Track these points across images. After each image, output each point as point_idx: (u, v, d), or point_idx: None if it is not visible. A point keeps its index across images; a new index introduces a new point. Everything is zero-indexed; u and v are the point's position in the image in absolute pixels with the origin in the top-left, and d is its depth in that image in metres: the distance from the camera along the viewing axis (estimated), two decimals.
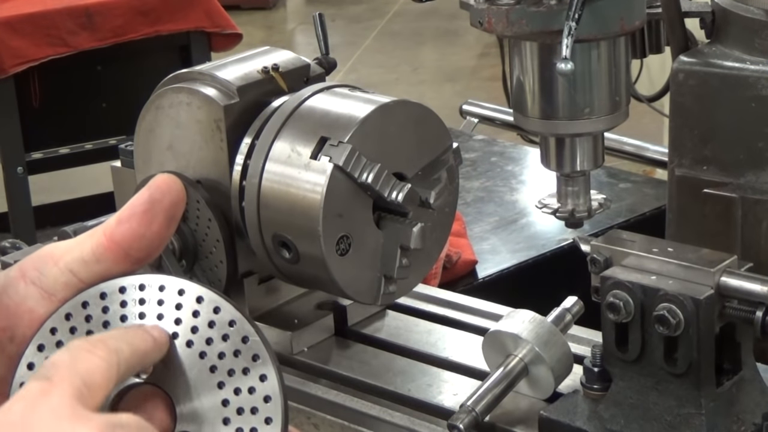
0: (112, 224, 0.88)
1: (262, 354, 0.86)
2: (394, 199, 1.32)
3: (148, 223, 0.88)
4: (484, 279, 2.42)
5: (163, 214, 0.89)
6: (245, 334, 0.87)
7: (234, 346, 0.86)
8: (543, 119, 1.48)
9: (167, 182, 0.89)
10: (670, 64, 1.79)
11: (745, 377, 1.29)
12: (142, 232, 0.88)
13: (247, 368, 0.86)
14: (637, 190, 2.74)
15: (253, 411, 0.85)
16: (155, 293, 0.88)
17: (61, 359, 0.79)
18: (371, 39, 8.74)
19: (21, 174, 4.41)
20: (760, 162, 1.71)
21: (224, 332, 0.86)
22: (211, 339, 0.86)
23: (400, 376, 1.48)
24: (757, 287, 1.23)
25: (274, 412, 0.85)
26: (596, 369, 1.31)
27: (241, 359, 0.86)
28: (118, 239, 0.88)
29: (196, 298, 0.87)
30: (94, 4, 4.43)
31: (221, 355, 0.86)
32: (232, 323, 0.87)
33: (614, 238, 1.33)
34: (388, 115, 1.34)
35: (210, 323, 0.87)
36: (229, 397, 0.85)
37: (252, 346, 0.86)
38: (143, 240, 0.88)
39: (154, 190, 0.89)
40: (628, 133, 2.69)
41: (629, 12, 1.44)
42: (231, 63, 1.45)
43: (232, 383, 0.86)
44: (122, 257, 0.88)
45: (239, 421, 0.85)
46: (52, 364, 0.79)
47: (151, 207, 0.88)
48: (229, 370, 0.86)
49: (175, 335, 0.87)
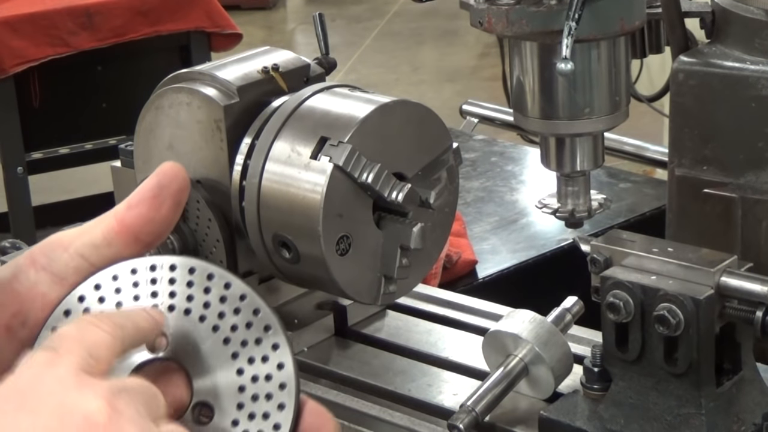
0: (122, 209, 0.91)
1: (273, 324, 0.90)
2: (394, 199, 1.32)
3: (157, 208, 0.91)
4: (484, 279, 2.42)
5: (171, 199, 0.92)
6: (256, 307, 0.90)
7: (246, 318, 0.90)
8: (543, 119, 1.48)
9: (173, 169, 0.93)
10: (670, 64, 1.79)
11: (745, 377, 1.29)
12: (152, 216, 0.91)
13: (259, 338, 0.89)
14: (637, 190, 2.74)
15: (268, 378, 0.89)
16: (166, 273, 0.90)
17: (67, 332, 0.82)
18: (371, 39, 8.74)
19: (21, 174, 4.41)
20: (760, 162, 1.71)
21: (236, 306, 0.90)
22: (224, 313, 0.90)
23: (400, 376, 1.48)
24: (757, 287, 1.23)
25: (287, 377, 0.89)
26: (596, 369, 1.31)
27: (254, 330, 0.89)
28: (128, 223, 0.91)
29: (207, 276, 0.90)
30: (94, 4, 4.43)
31: (234, 327, 0.89)
32: (243, 297, 0.90)
33: (614, 238, 1.33)
34: (388, 115, 1.34)
35: (221, 298, 0.90)
36: (243, 366, 0.89)
37: (263, 317, 0.90)
38: (152, 224, 0.91)
39: (162, 177, 0.92)
40: (628, 133, 2.70)
41: (629, 12, 1.44)
42: (231, 63, 1.45)
43: (246, 353, 0.89)
44: (132, 241, 0.91)
45: (254, 388, 0.88)
46: (58, 335, 0.82)
47: (159, 192, 0.92)
48: (242, 341, 0.89)
49: (188, 311, 0.89)
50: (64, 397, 0.76)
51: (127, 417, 0.77)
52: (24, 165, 4.41)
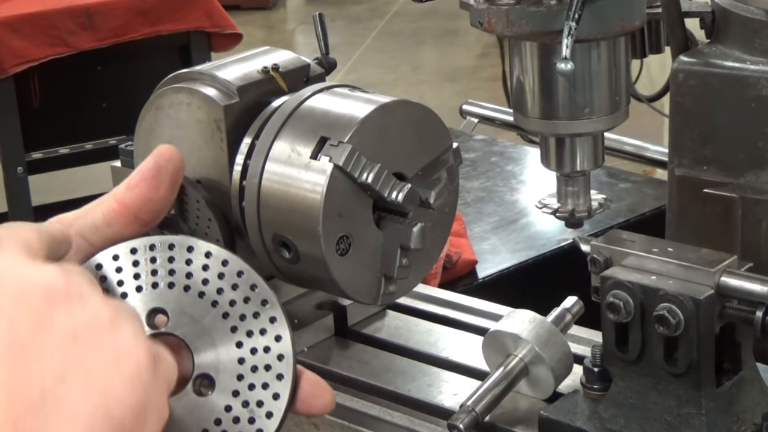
0: (122, 190, 0.94)
1: (270, 298, 0.93)
2: (394, 199, 1.31)
3: (156, 188, 0.95)
4: (484, 279, 2.42)
5: (169, 179, 0.95)
6: (253, 282, 0.93)
7: (244, 293, 0.93)
8: (543, 119, 1.48)
9: (169, 151, 0.96)
10: (670, 64, 1.79)
11: (745, 377, 1.29)
12: (151, 196, 0.94)
13: (257, 312, 0.93)
14: (637, 190, 2.74)
15: (266, 350, 0.92)
16: (165, 251, 0.93)
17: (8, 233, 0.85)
18: (371, 39, 8.74)
19: (21, 174, 4.41)
20: (760, 162, 1.71)
21: (234, 282, 0.93)
22: (222, 289, 0.93)
23: (400, 376, 1.48)
24: (757, 287, 1.23)
25: (285, 349, 0.92)
26: (596, 369, 1.31)
27: (252, 304, 0.93)
28: (128, 203, 0.94)
29: (205, 254, 0.93)
30: (94, 4, 4.43)
31: (232, 302, 0.93)
32: (240, 273, 0.93)
33: (614, 238, 1.33)
34: (388, 115, 1.34)
35: (220, 275, 0.93)
36: (242, 339, 0.92)
37: (260, 292, 0.93)
38: (151, 203, 0.95)
39: (159, 158, 0.96)
40: (628, 133, 2.70)
41: (629, 12, 1.44)
42: (231, 63, 1.45)
43: (245, 327, 0.92)
44: (132, 221, 0.94)
45: (253, 359, 0.91)
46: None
47: (157, 173, 0.95)
48: (240, 315, 0.92)
49: (187, 288, 0.92)
50: (18, 273, 0.79)
51: (81, 282, 0.81)
52: (24, 165, 4.41)
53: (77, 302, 0.79)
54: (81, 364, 0.76)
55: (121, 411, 0.76)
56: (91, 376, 0.76)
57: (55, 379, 0.75)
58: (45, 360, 0.75)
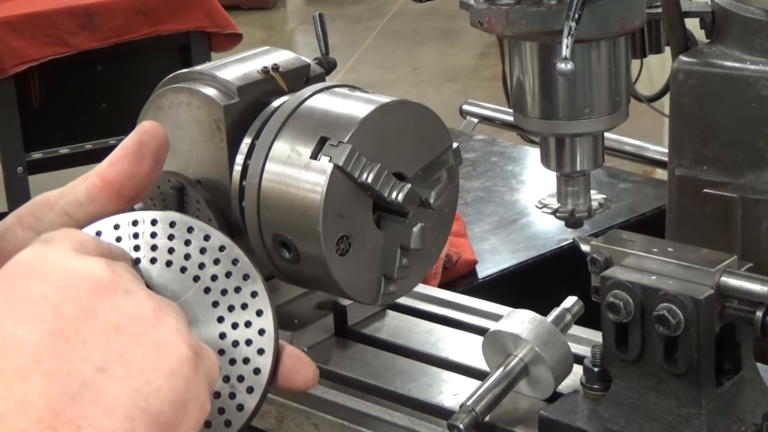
0: (104, 166, 0.95)
1: (252, 273, 0.93)
2: (394, 199, 1.31)
3: (139, 163, 0.95)
4: (484, 279, 2.42)
5: (152, 155, 0.95)
6: (235, 257, 0.93)
7: (225, 268, 0.93)
8: (543, 119, 1.48)
9: (153, 127, 0.97)
10: (670, 64, 1.79)
11: (745, 377, 1.29)
12: (134, 171, 0.94)
13: (239, 287, 0.93)
14: (637, 190, 2.74)
15: (247, 324, 0.92)
16: (148, 227, 0.94)
17: (55, 232, 0.87)
18: (371, 39, 8.74)
19: (21, 174, 4.41)
20: (760, 162, 1.71)
21: (216, 257, 0.93)
22: (204, 264, 0.93)
23: (400, 376, 1.48)
24: (757, 287, 1.23)
25: (266, 323, 0.92)
26: (596, 369, 1.31)
27: (233, 279, 0.93)
28: (110, 179, 0.94)
29: (187, 229, 0.93)
30: (94, 4, 4.43)
31: (214, 277, 0.93)
32: (222, 248, 0.93)
33: (614, 238, 1.33)
34: (388, 115, 1.34)
35: (201, 250, 0.93)
36: (223, 314, 0.92)
37: (242, 267, 0.93)
38: (134, 179, 0.95)
39: (142, 134, 0.96)
40: (628, 133, 2.70)
41: (629, 12, 1.44)
42: (231, 63, 1.45)
43: (226, 301, 0.92)
44: (115, 196, 0.94)
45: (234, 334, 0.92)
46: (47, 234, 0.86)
47: (140, 148, 0.95)
48: (222, 290, 0.92)
49: (169, 263, 0.93)
50: (67, 263, 0.80)
51: (127, 277, 0.82)
52: (24, 165, 4.41)
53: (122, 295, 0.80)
54: (122, 356, 0.77)
55: (160, 404, 0.77)
56: (131, 368, 0.77)
57: (96, 370, 0.76)
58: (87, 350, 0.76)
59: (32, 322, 0.76)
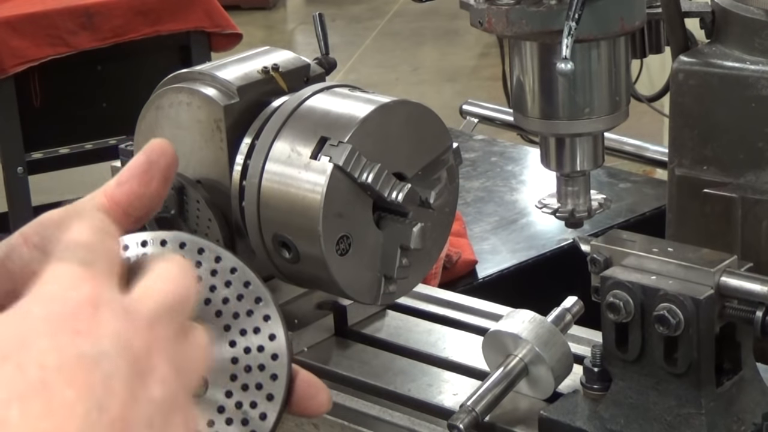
0: (112, 186, 0.92)
1: (264, 296, 0.91)
2: (394, 199, 1.31)
3: (147, 183, 0.92)
4: (484, 279, 2.42)
5: (160, 174, 0.93)
6: (247, 279, 0.91)
7: (237, 290, 0.91)
8: (543, 119, 1.48)
9: (161, 145, 0.94)
10: (670, 64, 1.79)
11: (745, 377, 1.29)
12: (142, 191, 0.92)
13: (251, 310, 0.90)
14: (637, 190, 2.74)
15: (260, 349, 0.90)
16: (158, 248, 0.92)
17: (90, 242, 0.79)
18: (371, 39, 8.74)
19: (21, 174, 4.41)
20: (760, 162, 1.71)
21: (227, 279, 0.91)
22: (215, 286, 0.91)
23: (400, 376, 1.48)
24: (757, 287, 1.23)
25: (279, 348, 0.90)
26: (596, 369, 1.31)
27: (245, 302, 0.91)
28: (118, 199, 0.92)
29: (197, 250, 0.92)
30: (94, 4, 4.42)
31: (225, 300, 0.91)
32: (234, 270, 0.91)
33: (614, 238, 1.33)
34: (388, 115, 1.34)
35: (212, 272, 0.91)
36: (235, 338, 0.90)
37: (254, 289, 0.91)
38: (143, 199, 0.92)
39: (150, 153, 0.93)
40: (628, 133, 2.70)
41: (629, 12, 1.44)
42: (231, 63, 1.45)
43: (238, 325, 0.90)
44: (122, 217, 0.91)
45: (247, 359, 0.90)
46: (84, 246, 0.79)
47: (149, 168, 0.93)
48: (234, 313, 0.90)
49: None
50: (118, 325, 0.73)
51: (165, 340, 0.75)
52: (24, 165, 4.41)
53: (159, 383, 0.73)
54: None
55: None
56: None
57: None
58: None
59: (83, 389, 0.70)
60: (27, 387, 0.69)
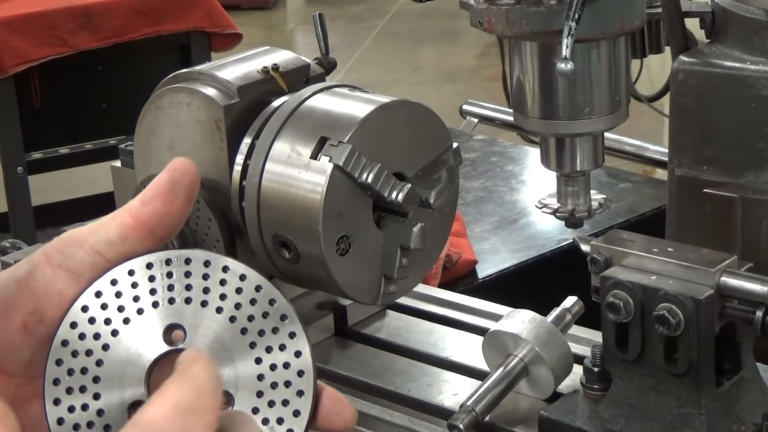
0: (137, 205, 0.93)
1: (289, 313, 0.92)
2: (394, 199, 1.31)
3: (171, 202, 0.93)
4: (484, 279, 2.42)
5: (184, 193, 0.94)
6: (272, 297, 0.92)
7: (262, 308, 0.92)
8: (543, 119, 1.48)
9: (184, 164, 0.95)
10: (670, 64, 1.79)
11: (745, 377, 1.29)
12: (167, 211, 0.93)
13: (276, 327, 0.91)
14: (637, 190, 2.74)
15: (286, 366, 0.90)
16: (182, 266, 0.92)
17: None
18: (371, 39, 8.74)
19: (21, 174, 4.41)
20: (760, 162, 1.71)
21: (252, 297, 0.92)
22: (240, 304, 0.91)
23: (400, 376, 1.48)
24: (757, 287, 1.23)
25: (304, 364, 0.91)
26: (596, 369, 1.31)
27: (270, 320, 0.91)
28: (143, 218, 0.92)
29: (222, 268, 0.92)
30: (94, 4, 4.42)
31: (251, 317, 0.91)
32: (259, 288, 0.92)
33: (614, 238, 1.33)
34: (388, 115, 1.34)
35: (237, 290, 0.91)
36: (261, 355, 0.90)
37: (279, 307, 0.92)
38: (167, 218, 0.93)
39: (174, 172, 0.95)
40: (628, 133, 2.69)
41: (629, 12, 1.44)
42: (231, 63, 1.45)
43: (264, 342, 0.91)
44: (147, 235, 0.93)
45: (273, 376, 0.90)
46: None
47: (172, 187, 0.94)
48: (259, 330, 0.91)
49: (204, 303, 0.91)
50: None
51: None
52: (24, 165, 4.41)
53: None
54: None
55: None
56: None
57: None
58: None
59: None
60: None
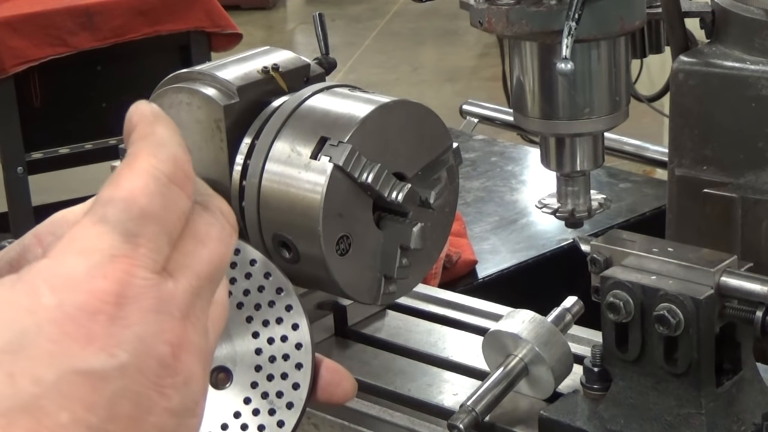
0: None
1: (285, 286, 0.91)
2: (394, 199, 1.31)
3: None
4: (484, 279, 2.42)
5: None
6: (267, 271, 0.92)
7: (258, 282, 0.91)
8: (543, 119, 1.48)
9: None
10: (670, 64, 1.79)
11: (745, 377, 1.29)
12: None
13: (272, 301, 0.91)
14: (637, 190, 2.74)
15: (283, 339, 0.90)
16: None
17: (144, 205, 0.68)
18: (371, 39, 8.74)
19: (21, 174, 4.41)
20: (760, 162, 1.71)
21: (247, 271, 0.92)
22: (235, 279, 0.91)
23: (400, 376, 1.48)
24: (757, 287, 1.23)
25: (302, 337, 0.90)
26: (596, 369, 1.31)
27: (266, 293, 0.91)
28: None
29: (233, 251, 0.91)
30: (94, 4, 4.43)
31: (246, 292, 0.91)
32: (254, 262, 0.92)
33: (614, 238, 1.33)
34: (388, 115, 1.34)
35: (232, 264, 0.91)
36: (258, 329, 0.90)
37: (275, 280, 0.92)
38: None
39: None
40: (628, 133, 2.70)
41: (629, 12, 1.44)
42: (231, 63, 1.45)
43: (260, 316, 0.91)
44: None
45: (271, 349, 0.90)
46: (136, 212, 0.67)
47: None
48: (255, 304, 0.91)
49: None
50: (144, 328, 0.64)
51: (197, 326, 0.68)
52: (24, 165, 4.41)
53: (181, 389, 0.66)
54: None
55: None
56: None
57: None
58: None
59: (80, 413, 0.61)
60: (15, 404, 0.60)
